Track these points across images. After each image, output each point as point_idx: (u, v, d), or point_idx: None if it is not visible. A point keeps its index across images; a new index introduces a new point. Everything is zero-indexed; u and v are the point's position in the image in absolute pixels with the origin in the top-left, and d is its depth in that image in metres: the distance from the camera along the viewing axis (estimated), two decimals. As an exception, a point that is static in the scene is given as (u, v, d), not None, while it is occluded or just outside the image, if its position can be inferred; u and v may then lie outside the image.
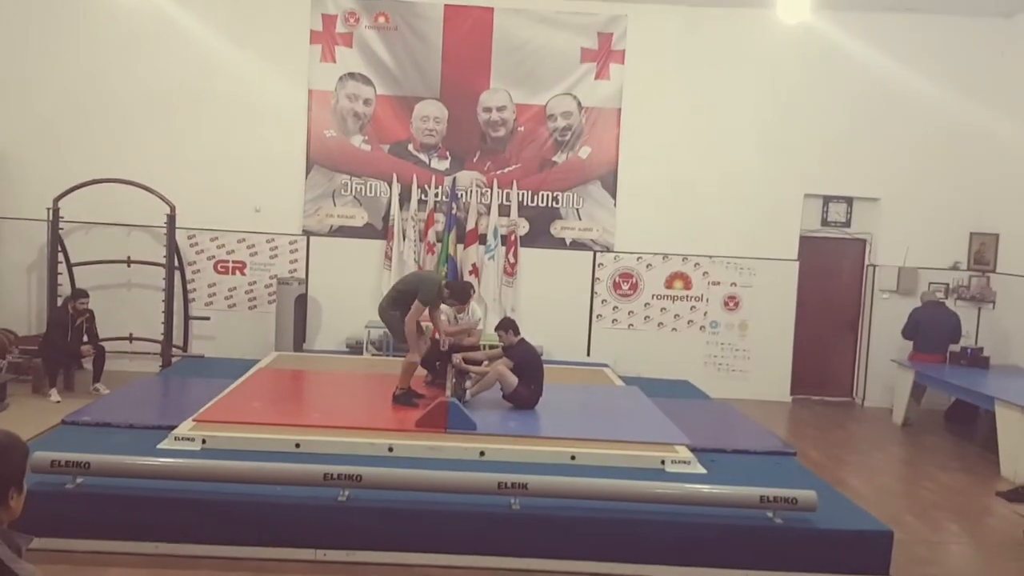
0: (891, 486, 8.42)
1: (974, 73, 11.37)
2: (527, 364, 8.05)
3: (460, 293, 8.36)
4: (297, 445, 6.61)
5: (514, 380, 7.93)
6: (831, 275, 11.98)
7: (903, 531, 6.43)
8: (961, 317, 11.04)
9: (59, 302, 10.22)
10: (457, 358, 8.29)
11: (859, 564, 5.73)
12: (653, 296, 11.63)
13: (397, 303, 7.78)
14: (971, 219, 11.60)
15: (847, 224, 11.79)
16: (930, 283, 11.59)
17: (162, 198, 10.45)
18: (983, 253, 11.65)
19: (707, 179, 11.42)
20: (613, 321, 11.63)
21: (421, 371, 8.37)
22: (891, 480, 8.70)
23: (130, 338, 10.90)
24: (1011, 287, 11.32)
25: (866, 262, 11.93)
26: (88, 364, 9.99)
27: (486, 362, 8.34)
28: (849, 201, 11.74)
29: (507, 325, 8.24)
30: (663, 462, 6.75)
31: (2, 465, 2.15)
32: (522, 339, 8.20)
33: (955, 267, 11.72)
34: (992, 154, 11.39)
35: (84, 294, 9.92)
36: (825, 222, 11.77)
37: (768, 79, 11.46)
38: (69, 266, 10.70)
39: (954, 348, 10.81)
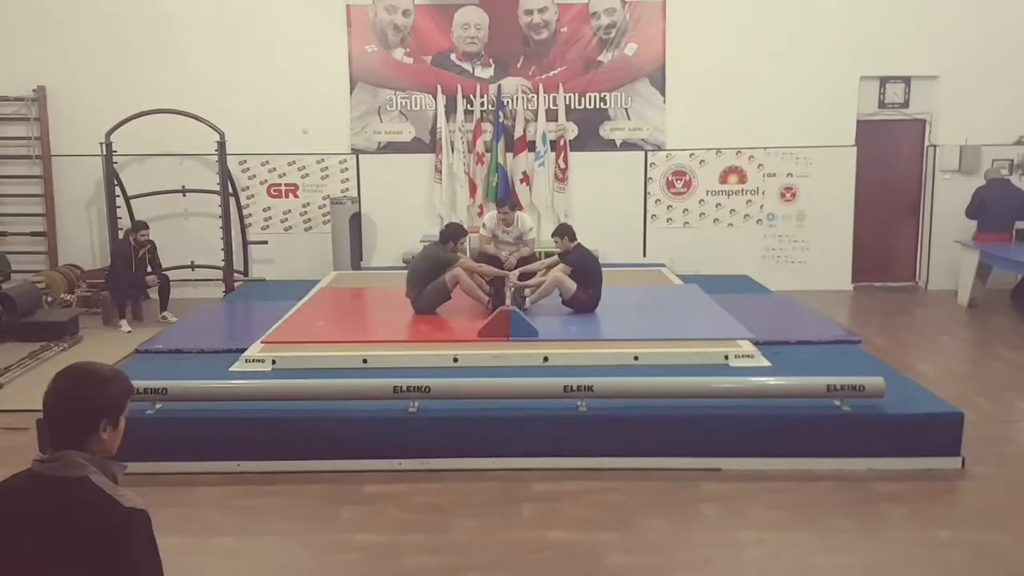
0: (959, 368, 8.34)
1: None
2: (585, 268, 8.05)
3: (450, 233, 8.22)
4: (364, 360, 6.74)
5: (573, 285, 7.95)
6: (890, 159, 11.64)
7: (973, 412, 6.39)
8: (1028, 193, 10.72)
9: (120, 235, 10.42)
10: (512, 277, 8.26)
11: (930, 447, 5.74)
12: (707, 192, 11.44)
13: (419, 284, 8.07)
14: (1035, 90, 11.15)
15: (905, 105, 11.40)
16: (993, 160, 11.22)
17: (211, 125, 10.49)
18: (1049, 125, 11.24)
19: (758, 67, 11.06)
20: (668, 220, 11.50)
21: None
22: (959, 362, 8.62)
23: (192, 266, 11.11)
24: (1080, 159, 10.94)
25: (926, 143, 11.56)
26: (154, 294, 10.20)
27: (542, 271, 8.36)
28: (907, 81, 11.31)
29: (563, 231, 8.23)
30: (727, 357, 6.75)
31: (97, 394, 2.20)
32: (578, 244, 8.19)
33: (1020, 141, 11.30)
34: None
35: (144, 225, 10.06)
36: (882, 104, 11.39)
37: (818, -43, 10.98)
38: (127, 199, 10.87)
39: (1020, 225, 10.53)
